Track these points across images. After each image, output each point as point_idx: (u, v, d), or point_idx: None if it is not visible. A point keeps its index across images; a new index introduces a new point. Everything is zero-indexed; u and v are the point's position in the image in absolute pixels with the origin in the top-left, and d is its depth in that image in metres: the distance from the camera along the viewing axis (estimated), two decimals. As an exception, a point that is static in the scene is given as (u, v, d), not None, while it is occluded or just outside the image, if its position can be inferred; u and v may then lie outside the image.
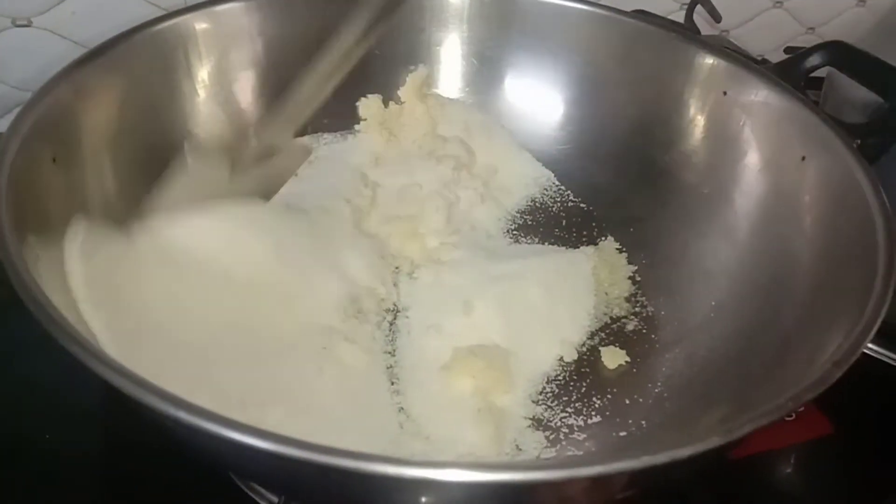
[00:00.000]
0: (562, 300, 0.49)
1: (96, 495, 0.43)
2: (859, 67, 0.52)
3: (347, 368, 0.43)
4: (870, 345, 0.38)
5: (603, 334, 0.49)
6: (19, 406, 0.46)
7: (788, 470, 0.48)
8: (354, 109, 0.57)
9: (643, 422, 0.44)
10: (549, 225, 0.56)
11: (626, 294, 0.51)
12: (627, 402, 0.45)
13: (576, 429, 0.43)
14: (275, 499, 0.41)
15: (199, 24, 0.52)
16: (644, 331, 0.49)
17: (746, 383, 0.42)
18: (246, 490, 0.42)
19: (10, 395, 0.46)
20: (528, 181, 0.58)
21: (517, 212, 0.57)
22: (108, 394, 0.44)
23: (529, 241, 0.55)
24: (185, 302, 0.42)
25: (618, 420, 0.44)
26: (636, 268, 0.53)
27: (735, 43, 0.74)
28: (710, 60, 0.53)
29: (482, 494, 0.29)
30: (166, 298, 0.42)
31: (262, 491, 0.42)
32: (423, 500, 0.29)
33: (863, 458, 0.48)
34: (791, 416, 0.48)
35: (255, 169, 0.47)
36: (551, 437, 0.42)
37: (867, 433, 0.49)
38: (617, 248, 0.54)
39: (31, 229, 0.37)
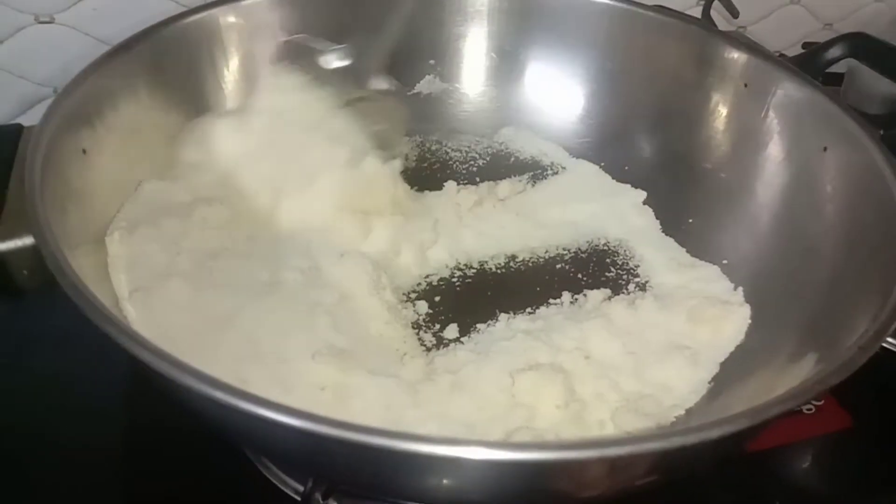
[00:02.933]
0: None
1: (116, 488, 0.43)
2: (881, 58, 0.52)
3: None
4: (889, 339, 0.38)
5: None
6: (40, 400, 0.46)
7: (808, 463, 0.48)
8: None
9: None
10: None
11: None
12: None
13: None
14: (298, 486, 0.42)
15: (225, 18, 0.52)
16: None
17: (769, 372, 0.42)
18: (270, 478, 0.43)
19: (31, 389, 0.47)
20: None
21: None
22: (132, 385, 0.46)
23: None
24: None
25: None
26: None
27: (752, 39, 0.74)
28: (730, 53, 0.53)
29: (506, 473, 0.29)
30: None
31: (286, 478, 0.42)
32: (448, 478, 0.29)
33: (882, 453, 0.48)
34: (811, 409, 0.49)
35: None
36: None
37: (887, 427, 0.49)
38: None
39: (66, 217, 0.38)
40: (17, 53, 0.61)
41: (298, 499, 0.41)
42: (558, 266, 0.52)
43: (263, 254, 0.47)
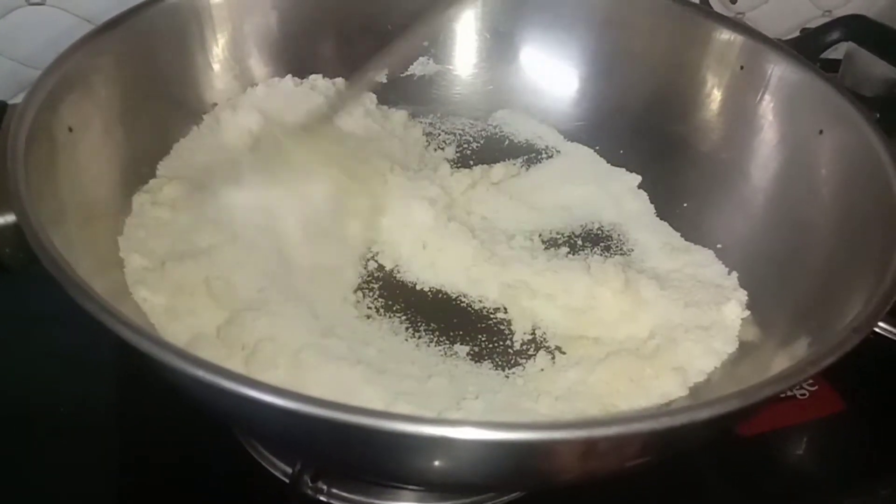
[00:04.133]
0: None
1: (106, 470, 0.43)
2: (879, 41, 0.52)
3: None
4: (881, 324, 0.38)
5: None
6: (33, 379, 0.46)
7: (801, 446, 0.48)
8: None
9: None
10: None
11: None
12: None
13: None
14: (287, 468, 0.42)
15: (214, -4, 0.52)
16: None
17: (761, 354, 0.42)
18: (259, 461, 0.43)
19: (23, 368, 0.47)
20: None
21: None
22: (123, 368, 0.46)
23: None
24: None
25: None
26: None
27: (750, 25, 0.73)
28: (727, 35, 0.52)
29: (495, 453, 0.29)
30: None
31: (275, 460, 0.42)
32: (439, 459, 0.29)
33: (874, 436, 0.48)
34: (805, 393, 0.49)
35: None
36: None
37: (879, 411, 0.49)
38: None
39: (51, 195, 0.38)
40: (8, 35, 0.60)
41: (287, 481, 0.41)
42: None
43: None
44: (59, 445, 0.43)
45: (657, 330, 0.45)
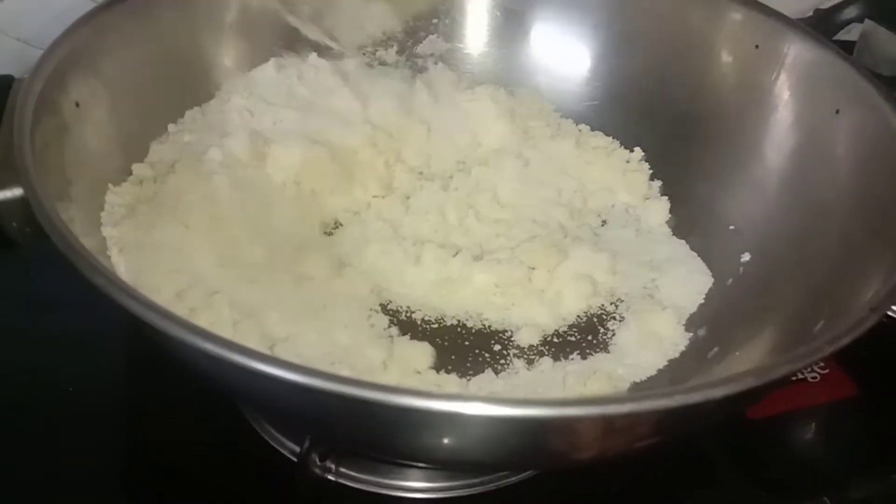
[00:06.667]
0: None
1: (115, 450, 0.43)
2: (899, 19, 0.51)
3: None
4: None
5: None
6: (40, 359, 0.46)
7: (812, 431, 0.48)
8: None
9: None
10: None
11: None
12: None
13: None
14: (295, 447, 0.42)
15: (222, -31, 0.51)
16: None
17: (775, 337, 0.41)
18: (268, 439, 0.42)
19: (34, 348, 0.47)
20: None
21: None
22: (130, 347, 0.46)
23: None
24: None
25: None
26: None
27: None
28: (741, 13, 0.51)
29: (507, 430, 0.28)
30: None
31: (283, 439, 0.42)
32: (448, 435, 0.29)
33: (887, 420, 0.48)
34: (816, 377, 0.48)
35: None
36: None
37: (891, 395, 0.49)
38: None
39: (58, 170, 0.38)
40: (13, 14, 0.59)
41: (295, 460, 0.41)
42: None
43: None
44: (67, 425, 0.43)
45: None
